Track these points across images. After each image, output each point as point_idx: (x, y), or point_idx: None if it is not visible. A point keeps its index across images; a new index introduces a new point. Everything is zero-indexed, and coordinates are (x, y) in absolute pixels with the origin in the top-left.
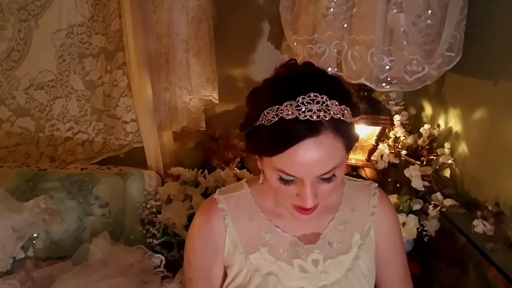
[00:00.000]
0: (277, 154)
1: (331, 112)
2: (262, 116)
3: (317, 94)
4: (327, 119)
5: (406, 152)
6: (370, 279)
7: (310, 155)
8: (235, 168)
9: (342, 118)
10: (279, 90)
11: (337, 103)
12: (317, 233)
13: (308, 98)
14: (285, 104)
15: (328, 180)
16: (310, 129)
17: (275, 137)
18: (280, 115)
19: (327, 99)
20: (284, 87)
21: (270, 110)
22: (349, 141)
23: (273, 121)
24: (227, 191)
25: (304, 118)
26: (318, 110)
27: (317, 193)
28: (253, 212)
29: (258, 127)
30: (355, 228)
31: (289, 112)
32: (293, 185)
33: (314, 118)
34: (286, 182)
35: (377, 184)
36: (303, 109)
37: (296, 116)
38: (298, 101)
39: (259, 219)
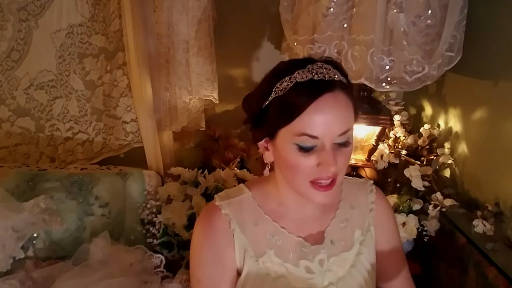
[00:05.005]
0: (298, 115)
1: (340, 76)
2: (274, 90)
3: (324, 64)
4: (338, 79)
5: (406, 152)
6: (373, 274)
7: (329, 111)
8: (235, 168)
9: (348, 85)
10: (288, 66)
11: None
12: (322, 232)
13: (317, 65)
14: (296, 72)
15: (344, 145)
16: (325, 84)
17: (294, 99)
18: (294, 81)
19: (332, 68)
20: (293, 62)
21: (283, 81)
22: (356, 107)
23: (288, 88)
24: (227, 196)
25: (318, 78)
26: (328, 72)
27: (337, 161)
28: (257, 215)
29: (269, 103)
30: (356, 225)
31: (303, 75)
32: (313, 154)
33: (327, 77)
34: (306, 151)
35: (372, 181)
36: (316, 71)
37: (311, 78)
38: (309, 67)
39: (264, 222)
